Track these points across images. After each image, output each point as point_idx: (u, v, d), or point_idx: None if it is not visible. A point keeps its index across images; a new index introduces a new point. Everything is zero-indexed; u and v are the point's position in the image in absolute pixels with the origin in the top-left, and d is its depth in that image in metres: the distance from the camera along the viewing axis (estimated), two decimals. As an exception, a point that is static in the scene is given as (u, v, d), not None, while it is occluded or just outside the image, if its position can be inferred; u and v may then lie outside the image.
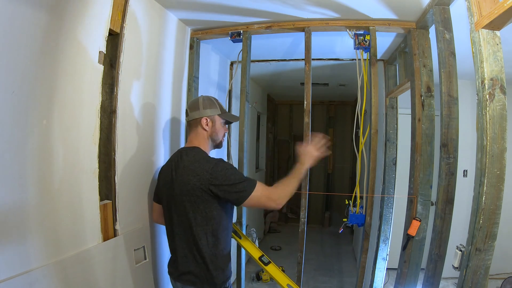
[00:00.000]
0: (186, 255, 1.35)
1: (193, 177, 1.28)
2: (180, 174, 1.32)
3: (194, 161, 1.33)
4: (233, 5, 1.78)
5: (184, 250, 1.35)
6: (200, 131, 1.44)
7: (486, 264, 1.16)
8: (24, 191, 1.03)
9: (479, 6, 1.10)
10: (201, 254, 1.32)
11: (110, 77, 1.46)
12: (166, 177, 1.41)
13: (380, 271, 2.22)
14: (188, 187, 1.29)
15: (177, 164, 1.36)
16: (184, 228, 1.34)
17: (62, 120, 1.17)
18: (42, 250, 1.09)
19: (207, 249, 1.32)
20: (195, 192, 1.28)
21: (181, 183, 1.31)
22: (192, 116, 1.44)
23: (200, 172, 1.28)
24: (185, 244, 1.35)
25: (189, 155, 1.36)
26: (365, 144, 2.04)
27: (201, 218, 1.31)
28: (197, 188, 1.27)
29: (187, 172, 1.30)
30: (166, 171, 1.43)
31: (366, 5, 1.75)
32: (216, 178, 1.26)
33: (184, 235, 1.35)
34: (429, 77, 1.79)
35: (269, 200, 1.30)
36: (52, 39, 1.10)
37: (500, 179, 1.11)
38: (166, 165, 1.47)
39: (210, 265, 1.32)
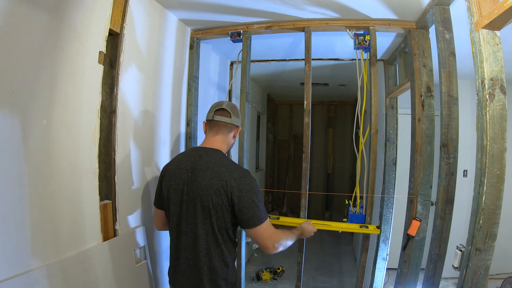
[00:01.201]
0: (193, 268, 1.24)
1: (218, 181, 1.18)
2: (201, 177, 1.21)
3: (220, 164, 1.23)
4: (233, 5, 1.78)
5: (191, 263, 1.24)
6: (230, 137, 1.35)
7: (486, 264, 1.16)
8: (24, 191, 1.03)
9: (479, 6, 1.10)
10: (211, 265, 1.22)
11: (110, 77, 1.46)
12: (177, 179, 1.26)
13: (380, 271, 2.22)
14: (210, 192, 1.18)
15: (195, 165, 1.24)
16: (195, 237, 1.22)
17: (62, 120, 1.17)
18: (42, 250, 1.09)
19: (218, 261, 1.23)
20: (217, 198, 1.18)
21: (201, 186, 1.20)
22: (234, 121, 1.33)
23: (226, 177, 1.19)
24: (193, 257, 1.23)
25: (211, 156, 1.25)
26: (365, 144, 2.04)
27: (217, 227, 1.21)
28: (221, 193, 1.18)
29: (211, 175, 1.20)
30: (177, 173, 1.27)
31: (366, 5, 1.75)
32: (241, 190, 1.18)
33: (194, 246, 1.22)
34: (429, 77, 1.79)
35: (269, 240, 1.23)
36: (52, 39, 1.10)
37: (500, 179, 1.11)
38: (175, 166, 1.31)
39: (219, 276, 1.23)
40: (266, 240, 1.22)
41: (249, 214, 1.19)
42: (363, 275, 2.08)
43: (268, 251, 1.24)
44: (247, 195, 1.18)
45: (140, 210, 1.66)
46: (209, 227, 1.21)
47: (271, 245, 1.23)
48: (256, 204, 1.19)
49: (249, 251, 3.76)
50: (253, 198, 1.19)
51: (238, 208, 1.19)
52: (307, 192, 1.99)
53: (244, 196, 1.18)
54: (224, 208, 1.19)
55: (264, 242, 1.22)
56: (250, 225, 1.20)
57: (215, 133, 1.33)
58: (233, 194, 1.18)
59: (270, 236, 1.23)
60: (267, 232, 1.22)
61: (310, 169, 2.02)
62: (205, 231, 1.21)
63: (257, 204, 1.20)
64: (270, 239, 1.23)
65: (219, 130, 1.32)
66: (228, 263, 1.26)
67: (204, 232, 1.21)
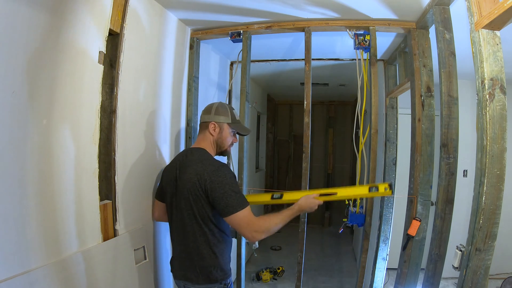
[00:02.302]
0: (184, 253, 1.39)
1: (194, 176, 1.32)
2: (184, 173, 1.37)
3: (198, 161, 1.37)
4: (233, 5, 1.78)
5: (182, 248, 1.39)
6: (207, 134, 1.47)
7: (486, 264, 1.16)
8: (24, 191, 1.03)
9: (479, 6, 1.10)
10: (199, 252, 1.35)
11: (110, 77, 1.46)
12: (170, 175, 1.44)
13: (380, 271, 2.22)
14: (189, 185, 1.33)
15: (181, 163, 1.41)
16: (183, 225, 1.37)
17: (62, 120, 1.17)
18: (42, 250, 1.09)
19: (205, 248, 1.35)
20: (195, 191, 1.31)
21: (183, 181, 1.35)
22: (202, 119, 1.49)
23: (201, 172, 1.31)
24: (184, 242, 1.38)
25: (194, 154, 1.42)
26: (365, 144, 2.04)
27: (200, 217, 1.34)
28: (197, 187, 1.31)
29: (190, 171, 1.35)
30: (170, 170, 1.47)
31: (366, 5, 1.75)
32: (213, 181, 1.28)
33: (183, 233, 1.38)
34: (429, 77, 1.79)
35: (248, 227, 1.27)
36: (52, 39, 1.10)
37: (500, 179, 1.11)
38: (170, 164, 1.52)
39: (208, 263, 1.35)
40: (243, 228, 1.28)
41: (222, 204, 1.28)
42: (363, 275, 2.08)
43: (247, 238, 1.30)
44: (218, 186, 1.28)
45: (140, 210, 1.65)
46: (192, 217, 1.34)
47: (249, 234, 1.28)
48: (228, 194, 1.27)
49: (249, 251, 3.76)
50: (224, 188, 1.28)
51: (212, 198, 1.30)
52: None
53: (216, 187, 1.28)
54: (202, 199, 1.31)
55: (241, 230, 1.29)
56: (226, 214, 1.28)
57: (199, 134, 1.52)
58: (206, 186, 1.29)
59: (248, 223, 1.27)
60: (244, 220, 1.27)
61: (310, 169, 2.02)
62: (190, 221, 1.35)
63: (229, 194, 1.27)
64: (247, 227, 1.27)
65: (199, 130, 1.52)
66: (215, 252, 1.35)
67: (190, 222, 1.35)
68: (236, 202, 1.28)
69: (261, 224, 1.30)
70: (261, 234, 1.29)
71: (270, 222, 1.33)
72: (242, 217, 1.27)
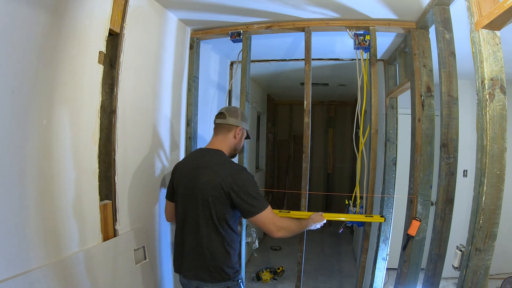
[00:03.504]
0: (195, 253, 1.37)
1: (216, 177, 1.32)
2: (203, 174, 1.35)
3: (219, 163, 1.37)
4: (233, 5, 1.78)
5: (194, 249, 1.37)
6: (230, 137, 1.47)
7: (486, 264, 1.16)
8: (24, 191, 1.03)
9: (479, 6, 1.10)
10: (212, 252, 1.35)
11: (110, 77, 1.46)
12: (185, 175, 1.42)
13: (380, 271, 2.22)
14: (209, 187, 1.32)
15: (198, 164, 1.40)
16: (197, 226, 1.36)
17: (62, 120, 1.17)
18: (42, 250, 1.09)
19: (218, 247, 1.35)
20: (216, 193, 1.31)
21: (203, 183, 1.34)
22: (229, 121, 1.47)
23: (223, 175, 1.32)
24: (197, 243, 1.36)
25: (212, 156, 1.41)
26: (365, 144, 2.04)
27: (216, 218, 1.33)
28: (219, 188, 1.31)
29: (210, 172, 1.34)
30: (184, 170, 1.44)
31: (366, 5, 1.75)
32: (237, 185, 1.30)
33: (197, 234, 1.36)
34: (429, 77, 1.79)
35: (273, 224, 1.33)
36: (52, 39, 1.10)
37: (500, 179, 1.11)
38: (182, 163, 1.51)
39: (221, 262, 1.35)
40: (269, 225, 1.33)
41: (247, 206, 1.31)
42: (363, 275, 2.08)
43: (272, 234, 1.34)
44: (243, 189, 1.31)
45: (140, 210, 1.66)
46: (209, 217, 1.34)
47: (274, 228, 1.34)
48: (252, 196, 1.31)
49: (249, 251, 3.76)
50: (248, 191, 1.31)
51: (236, 201, 1.31)
52: (307, 192, 1.99)
53: (240, 190, 1.31)
54: (223, 201, 1.32)
55: (267, 227, 1.33)
56: (250, 215, 1.32)
57: (215, 135, 1.49)
58: (230, 189, 1.31)
59: (273, 221, 1.34)
60: (269, 218, 1.34)
61: (310, 169, 2.02)
62: (206, 221, 1.34)
63: (253, 195, 1.32)
64: (272, 224, 1.34)
65: (218, 131, 1.49)
66: (229, 251, 1.37)
67: (205, 222, 1.34)
68: (260, 203, 1.32)
69: (284, 222, 1.39)
70: (284, 231, 1.36)
71: (291, 223, 1.42)
72: (267, 216, 1.33)
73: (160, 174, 1.85)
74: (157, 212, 1.82)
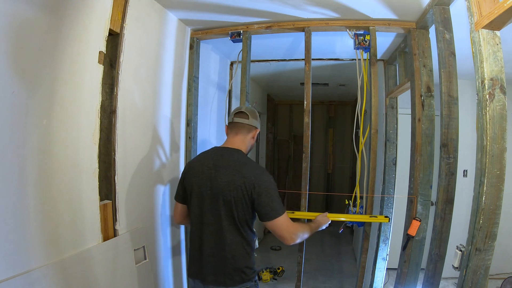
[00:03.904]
0: (215, 256, 1.33)
1: (239, 178, 1.28)
2: (224, 174, 1.31)
3: (240, 163, 1.33)
4: (233, 5, 1.78)
5: (214, 252, 1.33)
6: (249, 138, 1.44)
7: (486, 264, 1.16)
8: (24, 191, 1.03)
9: (479, 6, 1.10)
10: (234, 254, 1.32)
11: (110, 77, 1.46)
12: (201, 175, 1.35)
13: (380, 271, 2.22)
14: (231, 187, 1.28)
15: (217, 163, 1.34)
16: (219, 228, 1.31)
17: (62, 120, 1.17)
18: (42, 250, 1.09)
19: (239, 249, 1.33)
20: (239, 193, 1.28)
21: (224, 183, 1.29)
22: (252, 122, 1.43)
23: (246, 175, 1.28)
24: (217, 246, 1.32)
25: (233, 155, 1.36)
26: (365, 144, 2.04)
27: (238, 219, 1.30)
28: (242, 189, 1.27)
29: (233, 172, 1.30)
30: (200, 170, 1.37)
31: (366, 5, 1.75)
32: (260, 186, 1.27)
33: (218, 236, 1.32)
34: (429, 77, 1.79)
35: (287, 232, 1.30)
36: (52, 39, 1.10)
37: (500, 179, 1.11)
38: (196, 162, 1.42)
39: (242, 263, 1.33)
40: (284, 231, 1.30)
41: (267, 208, 1.28)
42: (363, 275, 2.08)
43: (286, 241, 1.31)
44: (265, 190, 1.28)
45: (140, 210, 1.65)
46: (231, 219, 1.30)
47: (289, 236, 1.30)
48: (273, 199, 1.29)
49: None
50: (271, 192, 1.29)
51: (258, 202, 1.28)
52: (307, 192, 1.99)
53: (263, 191, 1.27)
54: (245, 202, 1.29)
55: (282, 233, 1.30)
56: (269, 218, 1.28)
57: (235, 134, 1.43)
58: (253, 190, 1.27)
59: (288, 227, 1.31)
60: (285, 224, 1.30)
61: (310, 169, 2.02)
62: (228, 223, 1.31)
63: (274, 199, 1.29)
64: (288, 231, 1.30)
65: (238, 131, 1.43)
66: (249, 252, 1.36)
67: (228, 224, 1.31)
68: (280, 206, 1.29)
69: (299, 229, 1.35)
70: (297, 238, 1.33)
71: (303, 230, 1.39)
72: (284, 221, 1.29)
73: (160, 174, 1.85)
74: (157, 212, 1.82)
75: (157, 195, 1.83)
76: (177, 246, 2.09)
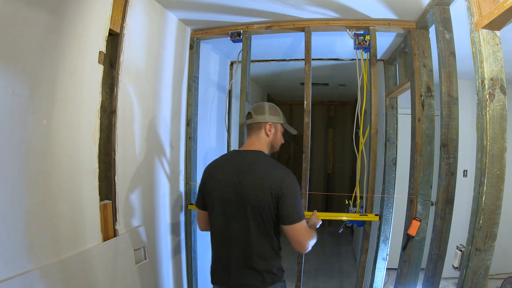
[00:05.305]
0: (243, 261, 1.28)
1: (265, 181, 1.24)
2: (248, 178, 1.26)
3: (265, 165, 1.29)
4: (233, 5, 1.78)
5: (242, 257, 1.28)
6: (262, 135, 1.38)
7: (486, 264, 1.16)
8: (24, 191, 1.03)
9: (479, 6, 1.10)
10: (264, 257, 1.28)
11: (110, 77, 1.46)
12: (222, 180, 1.30)
13: (380, 271, 2.22)
14: (258, 191, 1.23)
15: (240, 167, 1.30)
16: (248, 233, 1.27)
17: (62, 120, 1.17)
18: (42, 250, 1.09)
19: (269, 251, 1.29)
20: (266, 196, 1.23)
21: (250, 187, 1.25)
22: (256, 119, 1.38)
23: (272, 177, 1.25)
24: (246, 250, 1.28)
25: (256, 158, 1.32)
26: (365, 144, 2.04)
27: (267, 222, 1.26)
28: (269, 192, 1.23)
29: (258, 175, 1.26)
30: (220, 175, 1.32)
31: (366, 5, 1.75)
32: (286, 188, 1.23)
33: (247, 241, 1.27)
34: (429, 77, 1.79)
35: (305, 238, 1.26)
36: (52, 39, 1.10)
37: (500, 179, 1.11)
38: (216, 167, 1.36)
39: (272, 265, 1.30)
40: (302, 238, 1.26)
41: (291, 210, 1.24)
42: (363, 275, 2.08)
43: (302, 249, 1.27)
44: (291, 192, 1.24)
45: (140, 210, 1.66)
46: (260, 223, 1.26)
47: (305, 243, 1.27)
48: (298, 202, 1.26)
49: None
50: (296, 195, 1.25)
51: (282, 204, 1.24)
52: (307, 192, 1.99)
53: (288, 194, 1.24)
54: (271, 205, 1.24)
55: (300, 239, 1.26)
56: (292, 221, 1.24)
57: (249, 136, 1.40)
58: (279, 192, 1.23)
59: (306, 234, 1.27)
60: (304, 229, 1.27)
61: (310, 169, 2.02)
62: (257, 227, 1.26)
63: (299, 201, 1.26)
64: (305, 237, 1.27)
65: (251, 132, 1.40)
66: (278, 253, 1.33)
67: (257, 228, 1.26)
68: (302, 211, 1.26)
69: (313, 236, 1.31)
70: (310, 246, 1.29)
71: (313, 235, 1.34)
72: (304, 226, 1.26)
73: (160, 174, 1.85)
74: (157, 212, 1.83)
75: (157, 195, 1.83)
76: (177, 246, 2.09)
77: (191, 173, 2.17)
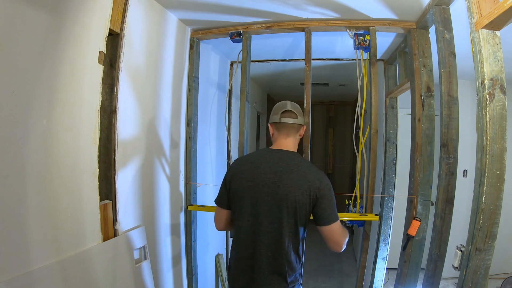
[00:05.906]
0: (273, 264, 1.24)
1: (304, 182, 1.22)
2: (287, 178, 1.23)
3: (303, 166, 1.27)
4: (233, 5, 1.78)
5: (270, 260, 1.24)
6: (297, 137, 1.37)
7: (486, 264, 1.16)
8: (24, 191, 1.03)
9: (479, 6, 1.10)
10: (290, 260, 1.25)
11: (110, 77, 1.46)
12: (256, 180, 1.25)
13: (380, 271, 2.22)
14: (297, 193, 1.21)
15: (275, 167, 1.26)
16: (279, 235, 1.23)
17: (62, 120, 1.17)
18: (42, 250, 1.09)
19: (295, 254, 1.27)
20: (303, 198, 1.22)
21: (287, 188, 1.22)
22: (300, 121, 1.34)
23: (311, 179, 1.23)
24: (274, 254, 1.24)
25: (293, 159, 1.28)
26: (365, 144, 2.04)
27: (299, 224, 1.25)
28: (307, 194, 1.22)
29: (297, 177, 1.23)
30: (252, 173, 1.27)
31: (366, 5, 1.75)
32: (324, 189, 1.24)
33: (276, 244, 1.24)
34: (429, 77, 1.79)
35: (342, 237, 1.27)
36: (52, 39, 1.10)
37: (500, 179, 1.11)
38: (248, 166, 1.30)
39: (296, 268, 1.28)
40: (340, 237, 1.26)
41: (328, 211, 1.24)
42: (363, 275, 2.08)
43: (339, 248, 1.28)
44: (327, 193, 1.25)
45: (140, 210, 1.65)
46: (293, 225, 1.24)
47: (343, 242, 1.27)
48: (334, 203, 1.26)
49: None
50: (332, 196, 1.26)
51: (319, 205, 1.23)
52: (307, 192, 1.99)
53: (326, 195, 1.24)
54: (308, 207, 1.24)
55: (338, 238, 1.26)
56: (329, 222, 1.24)
57: (286, 136, 1.34)
58: (317, 193, 1.23)
59: (342, 233, 1.28)
60: (340, 229, 1.28)
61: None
62: (289, 229, 1.24)
63: (334, 202, 1.27)
64: (342, 236, 1.28)
65: (289, 132, 1.34)
66: (301, 256, 1.32)
67: (289, 230, 1.24)
68: (336, 211, 1.26)
69: (346, 234, 1.31)
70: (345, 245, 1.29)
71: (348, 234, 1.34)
72: (340, 226, 1.26)
73: (160, 174, 1.85)
74: (157, 212, 1.83)
75: (157, 195, 1.83)
76: (177, 246, 2.09)
77: (191, 173, 2.17)
